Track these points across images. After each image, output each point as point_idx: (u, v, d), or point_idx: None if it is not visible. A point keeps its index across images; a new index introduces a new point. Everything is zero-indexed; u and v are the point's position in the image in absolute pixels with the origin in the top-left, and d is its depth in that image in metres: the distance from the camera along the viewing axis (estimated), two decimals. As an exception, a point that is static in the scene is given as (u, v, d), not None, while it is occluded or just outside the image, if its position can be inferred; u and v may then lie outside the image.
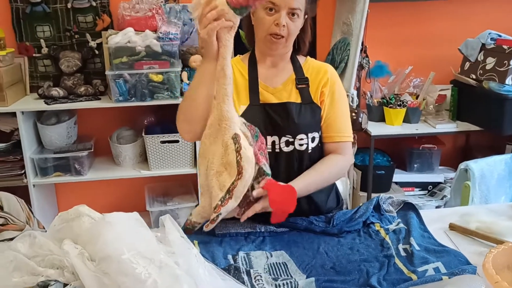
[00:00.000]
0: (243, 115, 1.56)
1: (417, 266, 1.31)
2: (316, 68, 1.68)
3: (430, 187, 3.32)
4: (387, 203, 1.64)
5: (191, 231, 1.44)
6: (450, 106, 3.15)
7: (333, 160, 1.64)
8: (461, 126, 3.04)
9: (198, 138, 1.47)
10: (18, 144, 2.81)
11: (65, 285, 1.00)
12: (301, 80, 1.63)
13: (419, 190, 3.33)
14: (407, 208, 1.64)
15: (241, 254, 1.40)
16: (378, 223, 1.55)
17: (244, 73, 1.66)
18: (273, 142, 1.58)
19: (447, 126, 3.02)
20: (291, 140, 1.59)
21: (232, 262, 1.36)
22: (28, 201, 2.78)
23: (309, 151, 1.62)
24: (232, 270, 1.28)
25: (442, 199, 3.18)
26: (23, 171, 2.84)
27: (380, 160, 3.23)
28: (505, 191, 2.30)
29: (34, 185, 2.86)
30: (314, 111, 1.62)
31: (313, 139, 1.62)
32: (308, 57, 1.74)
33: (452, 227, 1.54)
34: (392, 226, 1.53)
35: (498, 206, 1.75)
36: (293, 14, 1.54)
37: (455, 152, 3.51)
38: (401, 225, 1.53)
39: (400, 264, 1.33)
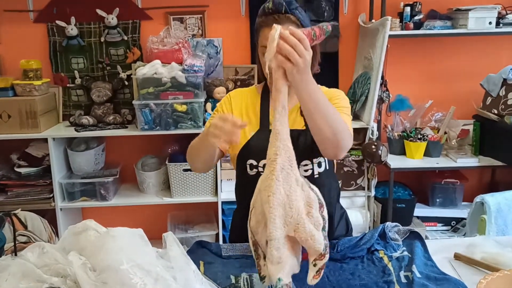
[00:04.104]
0: (251, 140, 1.64)
1: (416, 292, 1.32)
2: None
3: (453, 223, 3.27)
4: (393, 231, 1.65)
5: None
6: (472, 141, 3.14)
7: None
8: (483, 161, 3.02)
9: (201, 171, 1.74)
10: (48, 169, 2.95)
11: (67, 292, 1.07)
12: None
13: (442, 226, 3.29)
14: (413, 237, 1.65)
15: (244, 275, 1.44)
16: (383, 250, 1.57)
17: (257, 101, 1.73)
18: None
19: (468, 161, 3.01)
20: None
21: (233, 282, 1.40)
22: (55, 224, 2.91)
23: (315, 176, 1.64)
24: (232, 290, 1.32)
25: (465, 235, 3.12)
26: (51, 195, 2.97)
27: (401, 194, 3.22)
28: (523, 226, 2.26)
29: (61, 209, 2.98)
30: None
31: (319, 164, 1.65)
32: (319, 86, 1.78)
33: (457, 257, 1.54)
34: (396, 254, 1.54)
35: (505, 238, 1.74)
36: None
37: (480, 188, 3.46)
38: (405, 253, 1.54)
39: (399, 290, 1.34)
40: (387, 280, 1.39)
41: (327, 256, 1.24)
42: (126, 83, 3.21)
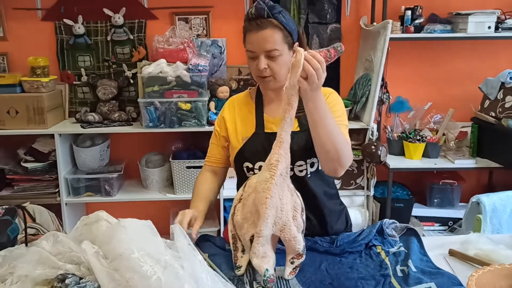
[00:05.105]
0: (246, 144, 1.71)
1: (411, 285, 1.38)
2: None
3: (450, 223, 3.33)
4: (390, 227, 1.71)
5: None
6: (470, 143, 3.20)
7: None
8: (481, 163, 3.07)
9: None
10: (54, 164, 3.01)
11: (81, 278, 1.13)
12: (298, 109, 1.60)
13: (439, 226, 3.35)
14: (410, 233, 1.70)
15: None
16: (380, 245, 1.63)
17: (251, 105, 1.79)
18: None
19: (466, 162, 3.07)
20: (290, 166, 1.66)
21: (236, 274, 1.46)
22: (60, 219, 2.97)
23: (309, 175, 1.70)
24: (236, 281, 1.39)
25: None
26: (57, 190, 3.03)
27: (399, 193, 3.28)
28: (518, 226, 2.31)
29: (66, 204, 3.04)
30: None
31: (312, 165, 1.70)
32: None
33: (452, 253, 1.60)
34: (393, 249, 1.60)
35: (498, 236, 1.80)
36: (272, 55, 1.61)
37: (477, 189, 3.51)
38: (402, 248, 1.60)
39: (395, 283, 1.40)
40: (384, 273, 1.45)
41: (304, 256, 1.43)
42: (131, 81, 3.27)
